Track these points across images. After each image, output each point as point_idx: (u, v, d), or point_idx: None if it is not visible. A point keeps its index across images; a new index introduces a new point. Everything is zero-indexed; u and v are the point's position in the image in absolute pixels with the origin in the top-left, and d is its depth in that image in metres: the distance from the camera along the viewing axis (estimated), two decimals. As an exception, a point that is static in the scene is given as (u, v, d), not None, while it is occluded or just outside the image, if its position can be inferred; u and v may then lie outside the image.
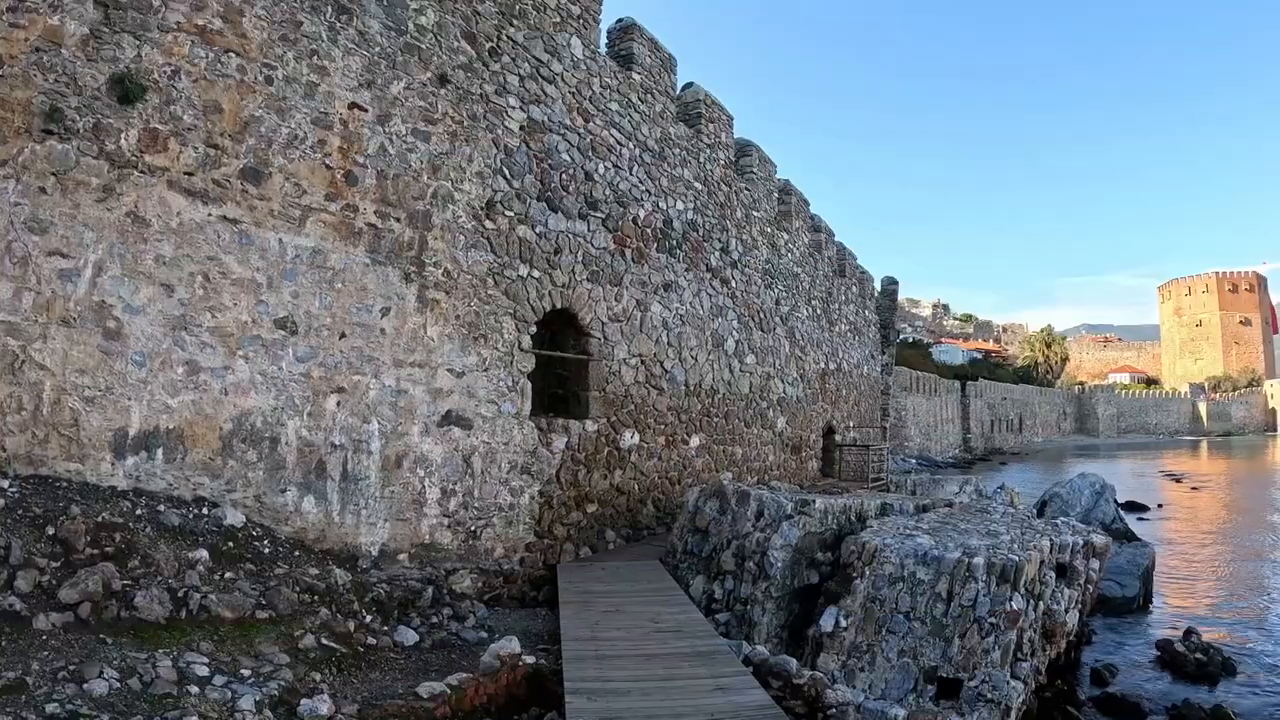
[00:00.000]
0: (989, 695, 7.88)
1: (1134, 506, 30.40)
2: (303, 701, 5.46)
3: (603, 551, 11.75)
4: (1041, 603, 9.28)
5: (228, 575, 6.75)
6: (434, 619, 8.21)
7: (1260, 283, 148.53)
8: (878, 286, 30.42)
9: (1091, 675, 11.47)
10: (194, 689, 5.37)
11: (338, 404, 8.30)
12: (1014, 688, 8.00)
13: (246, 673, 5.83)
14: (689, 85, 15.78)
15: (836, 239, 25.12)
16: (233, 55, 7.45)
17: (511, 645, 6.97)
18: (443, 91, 9.44)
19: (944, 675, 8.26)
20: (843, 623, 8.90)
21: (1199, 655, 11.76)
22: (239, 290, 7.53)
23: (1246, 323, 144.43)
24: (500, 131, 10.25)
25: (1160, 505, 33.26)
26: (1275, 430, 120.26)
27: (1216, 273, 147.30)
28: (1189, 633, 12.93)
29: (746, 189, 17.77)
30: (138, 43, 6.84)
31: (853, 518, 11.17)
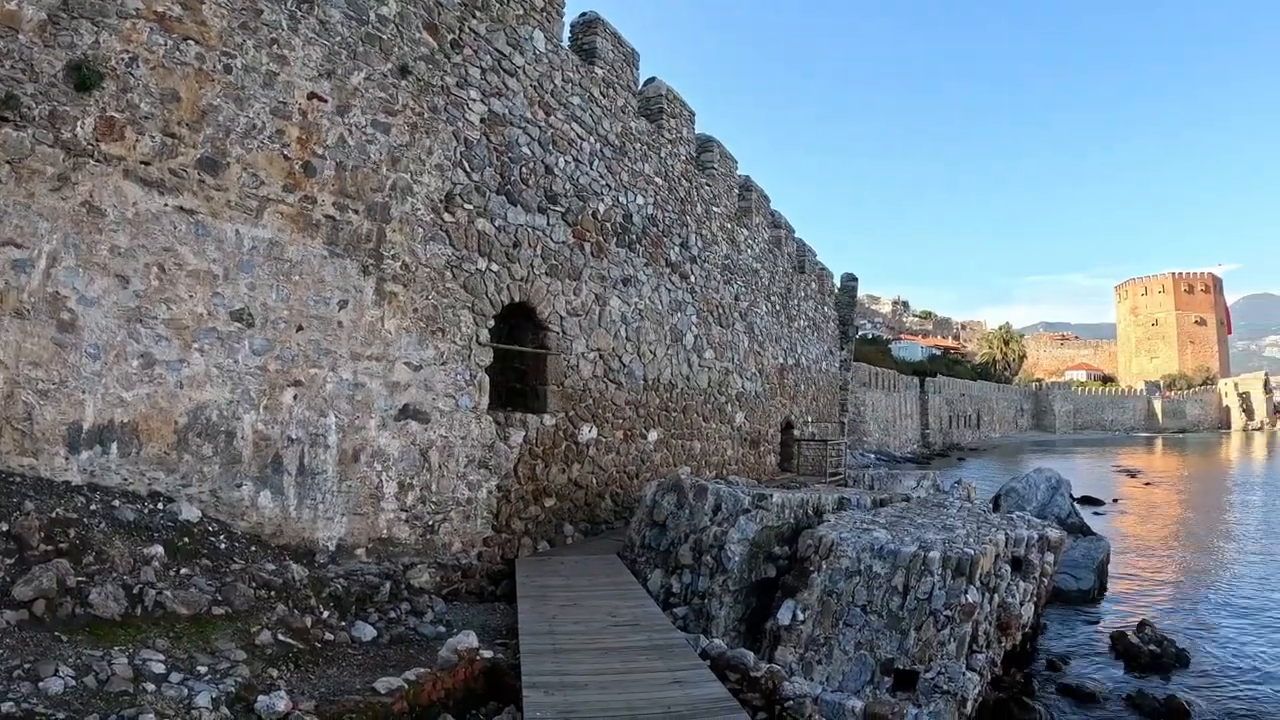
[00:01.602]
0: (945, 687, 8.16)
1: (1089, 501, 31.37)
2: (259, 698, 5.49)
3: (561, 546, 11.96)
4: (997, 595, 9.64)
5: (183, 571, 6.77)
6: (392, 614, 8.32)
7: (1215, 284, 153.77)
8: (837, 283, 30.91)
9: (1047, 666, 11.89)
10: (150, 686, 5.38)
11: (294, 397, 8.36)
12: (969, 679, 8.31)
13: (203, 670, 5.85)
14: (651, 80, 16.01)
15: (796, 236, 25.56)
16: (192, 43, 7.48)
17: (469, 640, 7.10)
18: (403, 83, 9.54)
19: (900, 667, 8.56)
20: (800, 616, 9.19)
21: (1153, 647, 12.25)
22: (195, 282, 7.56)
23: (1201, 323, 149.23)
24: (461, 124, 10.37)
25: (1115, 500, 34.32)
26: (1229, 428, 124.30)
27: (1173, 273, 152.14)
28: (1143, 625, 13.45)
29: (707, 184, 18.06)
30: (96, 29, 6.85)
31: (810, 512, 11.47)
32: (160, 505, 7.20)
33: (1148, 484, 43.02)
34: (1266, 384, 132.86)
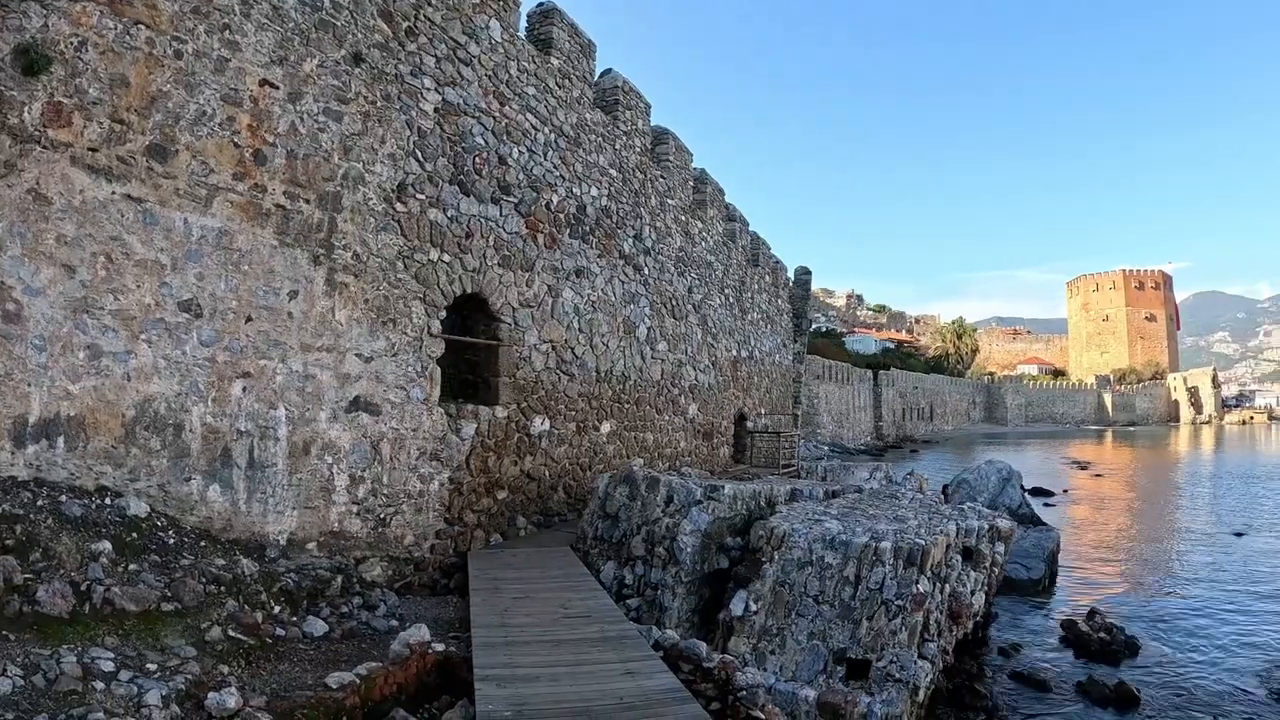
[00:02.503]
0: (897, 675, 8.51)
1: (1040, 492, 32.43)
2: (210, 695, 5.53)
3: (514, 538, 12.15)
4: (948, 585, 10.03)
5: (132, 567, 6.80)
6: (344, 608, 8.41)
7: (1166, 281, 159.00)
8: (791, 276, 31.38)
9: (999, 654, 12.39)
10: (99, 685, 5.41)
11: (243, 389, 8.42)
12: (921, 667, 8.68)
13: (152, 667, 5.89)
14: (607, 72, 16.21)
15: (751, 229, 25.94)
16: (142, 27, 7.48)
17: (421, 633, 7.22)
18: (357, 71, 9.60)
19: (853, 656, 8.89)
20: (753, 606, 9.48)
21: (1102, 634, 12.81)
22: (142, 272, 7.58)
23: (1152, 319, 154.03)
24: (414, 113, 10.46)
25: (1066, 491, 35.47)
26: (1177, 421, 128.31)
27: (1124, 270, 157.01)
28: (1092, 613, 14.04)
29: (662, 177, 18.31)
30: (45, 12, 6.84)
31: (762, 503, 11.78)
32: (108, 500, 7.21)
33: (1098, 476, 44.39)
34: (1215, 379, 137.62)
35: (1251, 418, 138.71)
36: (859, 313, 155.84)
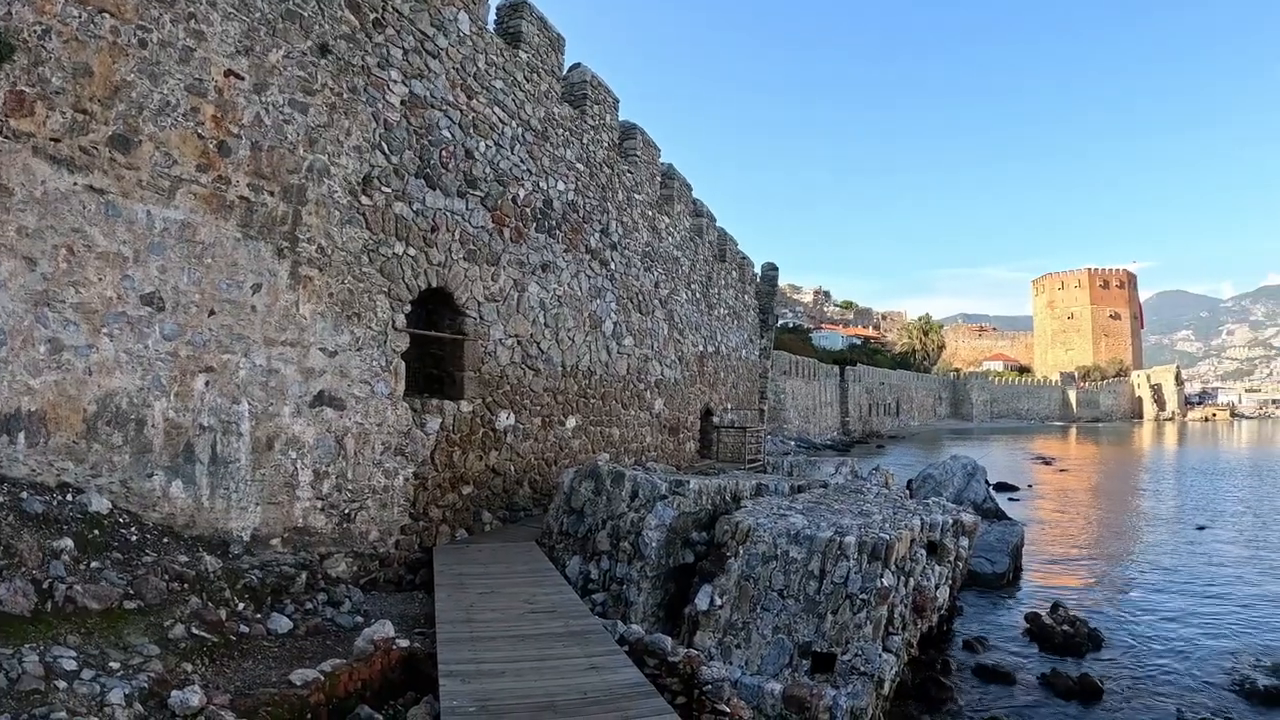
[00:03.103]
0: (862, 668, 8.71)
1: (1005, 487, 33.12)
2: (173, 693, 5.55)
3: (479, 533, 12.26)
4: (912, 579, 10.27)
5: (94, 565, 6.82)
6: (308, 605, 8.48)
7: (1130, 280, 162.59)
8: (758, 272, 31.66)
9: (963, 647, 12.70)
10: (62, 684, 5.44)
11: (206, 384, 8.45)
12: (886, 660, 8.90)
13: (115, 665, 5.94)
14: (576, 66, 16.31)
15: (718, 224, 26.19)
16: (107, 15, 7.50)
17: (385, 629, 7.29)
18: (323, 62, 9.64)
19: (818, 650, 9.10)
20: (718, 601, 9.67)
21: (1066, 627, 13.16)
22: (104, 264, 7.61)
23: (1116, 317, 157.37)
24: (380, 105, 10.51)
25: (1030, 486, 36.25)
26: (1141, 418, 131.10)
27: (1089, 269, 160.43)
28: (1056, 606, 14.43)
29: (629, 172, 18.47)
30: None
31: (728, 498, 11.98)
32: (70, 497, 7.23)
33: (1062, 471, 45.35)
34: (1178, 376, 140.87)
35: (1214, 415, 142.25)
36: (826, 309, 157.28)
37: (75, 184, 7.36)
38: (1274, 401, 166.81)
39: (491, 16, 13.14)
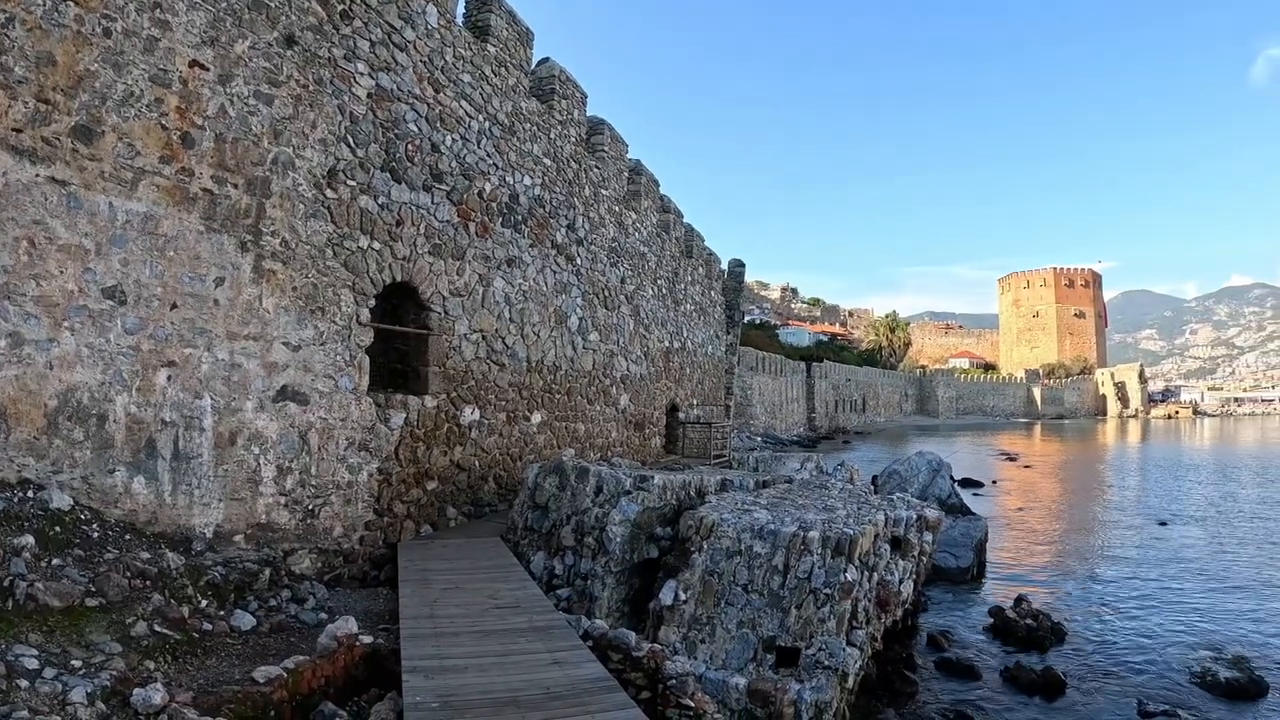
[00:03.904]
0: (826, 662, 8.87)
1: (969, 483, 33.76)
2: (135, 691, 5.57)
3: (444, 529, 12.39)
4: (876, 574, 10.51)
5: (55, 562, 6.81)
6: (272, 601, 8.54)
7: (1095, 279, 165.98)
8: (725, 268, 31.93)
9: (928, 641, 13.00)
10: (23, 683, 5.45)
11: (168, 378, 8.46)
12: (850, 654, 9.09)
13: (77, 664, 5.96)
14: (544, 60, 16.44)
15: (685, 220, 26.43)
16: (71, 4, 7.48)
17: (348, 625, 7.36)
18: (289, 53, 9.68)
19: (782, 645, 9.30)
20: (682, 596, 9.85)
21: (1029, 621, 13.51)
22: (66, 257, 7.60)
23: (1081, 315, 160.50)
24: (347, 98, 10.57)
25: (995, 482, 36.95)
26: (1105, 415, 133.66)
27: (1054, 268, 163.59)
28: (1020, 600, 14.80)
29: (597, 167, 18.64)
30: (-31, -11, 6.84)
31: (692, 493, 12.17)
32: (30, 493, 7.21)
33: (1026, 467, 46.18)
34: (1142, 375, 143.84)
35: (1177, 412, 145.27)
36: (793, 306, 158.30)
37: (37, 175, 7.35)
38: (1235, 400, 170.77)
39: (460, 9, 13.21)
